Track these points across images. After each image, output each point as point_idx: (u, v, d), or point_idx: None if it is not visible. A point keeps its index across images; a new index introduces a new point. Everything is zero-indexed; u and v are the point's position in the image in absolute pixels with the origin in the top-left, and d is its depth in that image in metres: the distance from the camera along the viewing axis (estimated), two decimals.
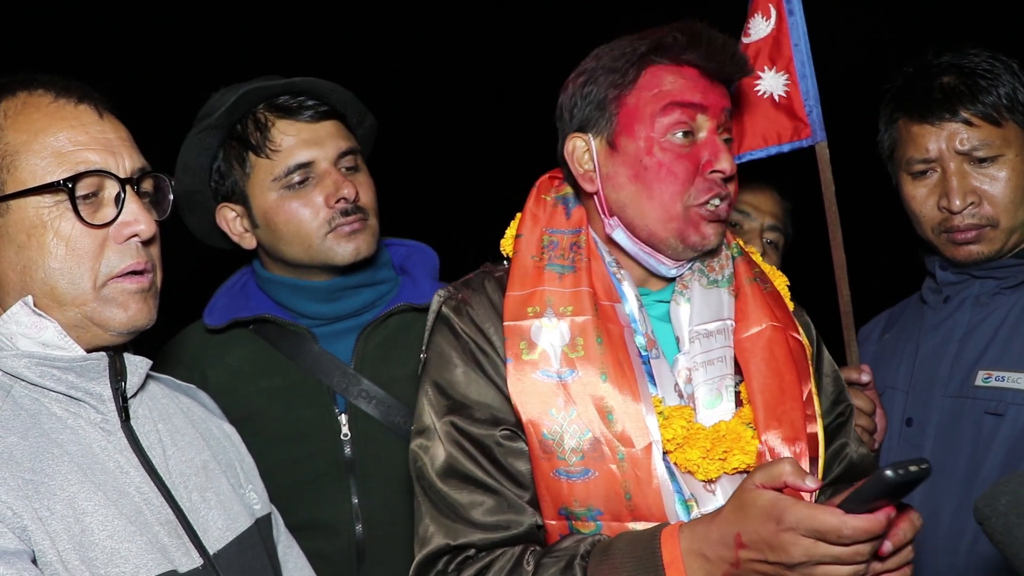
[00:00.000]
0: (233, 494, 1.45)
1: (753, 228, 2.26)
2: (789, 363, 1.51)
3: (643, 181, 1.49)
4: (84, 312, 1.29)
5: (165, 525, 1.29)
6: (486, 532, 1.42)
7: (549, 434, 1.43)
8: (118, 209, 1.30)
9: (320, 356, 1.90)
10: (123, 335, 1.33)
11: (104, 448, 1.29)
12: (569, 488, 1.42)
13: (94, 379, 1.30)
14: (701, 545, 1.29)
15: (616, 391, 1.43)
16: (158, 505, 1.30)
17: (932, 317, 1.99)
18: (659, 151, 1.48)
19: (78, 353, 1.29)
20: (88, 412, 1.30)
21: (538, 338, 1.46)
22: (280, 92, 1.88)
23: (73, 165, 1.28)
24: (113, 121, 1.36)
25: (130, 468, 1.30)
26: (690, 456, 1.43)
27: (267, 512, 1.54)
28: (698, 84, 1.50)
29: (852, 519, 1.15)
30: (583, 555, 1.37)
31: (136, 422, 1.36)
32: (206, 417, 1.54)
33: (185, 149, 1.89)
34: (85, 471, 1.25)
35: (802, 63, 1.98)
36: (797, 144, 1.98)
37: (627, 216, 1.52)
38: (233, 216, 1.94)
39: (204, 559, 1.32)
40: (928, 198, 1.91)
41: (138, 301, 1.32)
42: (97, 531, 1.21)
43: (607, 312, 1.49)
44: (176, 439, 1.41)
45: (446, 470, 1.46)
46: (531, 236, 1.57)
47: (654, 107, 1.49)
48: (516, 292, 1.51)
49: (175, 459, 1.38)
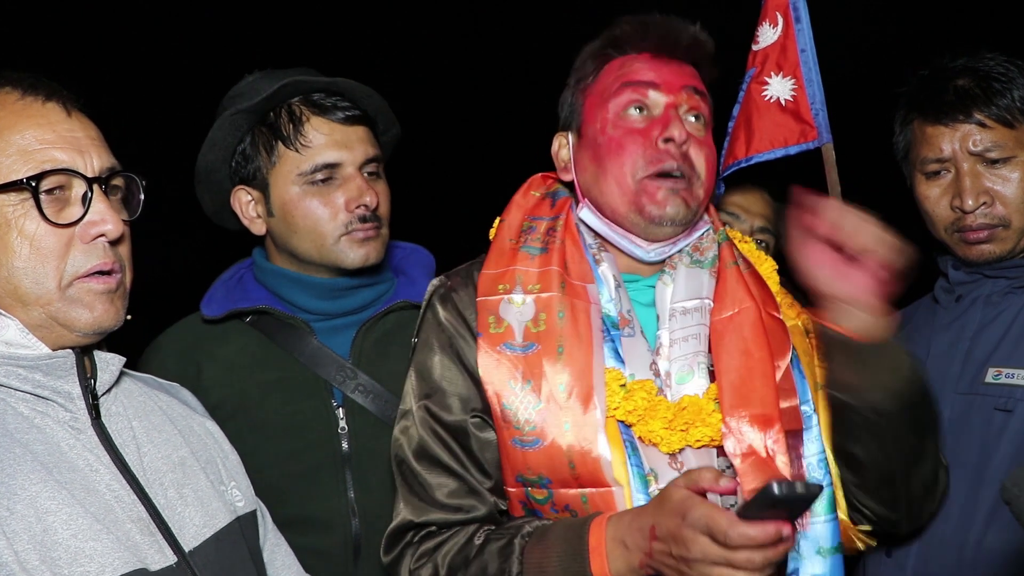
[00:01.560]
0: (212, 491, 1.41)
1: (743, 229, 2.28)
2: (761, 341, 1.53)
3: (599, 159, 1.56)
4: (48, 312, 1.26)
5: (137, 523, 1.26)
6: (446, 512, 1.52)
7: (508, 405, 1.50)
8: (84, 208, 1.28)
9: (318, 350, 1.91)
10: (89, 336, 1.30)
11: (73, 447, 1.26)
12: (523, 456, 1.48)
13: (61, 377, 1.27)
14: (624, 533, 1.36)
15: (570, 364, 1.48)
16: (130, 503, 1.27)
17: (944, 316, 1.99)
18: (611, 128, 1.55)
19: (43, 351, 1.27)
20: (56, 411, 1.27)
21: (506, 313, 1.53)
22: (320, 89, 1.90)
23: (38, 163, 1.25)
24: (82, 119, 1.33)
25: (100, 466, 1.27)
26: (652, 427, 1.46)
27: (251, 509, 1.51)
28: (650, 64, 1.56)
29: (740, 524, 1.21)
30: (524, 535, 1.45)
31: (108, 419, 1.32)
32: (187, 414, 1.51)
33: (216, 127, 1.90)
34: (50, 470, 1.21)
35: (808, 68, 2.03)
36: (804, 146, 2.02)
37: (592, 196, 1.59)
38: (248, 200, 1.95)
39: (179, 556, 1.28)
40: (941, 198, 1.93)
41: (104, 302, 1.30)
42: (60, 530, 1.18)
43: (575, 290, 1.54)
44: (152, 436, 1.38)
45: (419, 451, 1.55)
46: (512, 220, 1.65)
47: (608, 92, 1.57)
48: (490, 271, 1.59)
49: (150, 456, 1.35)
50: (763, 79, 2.06)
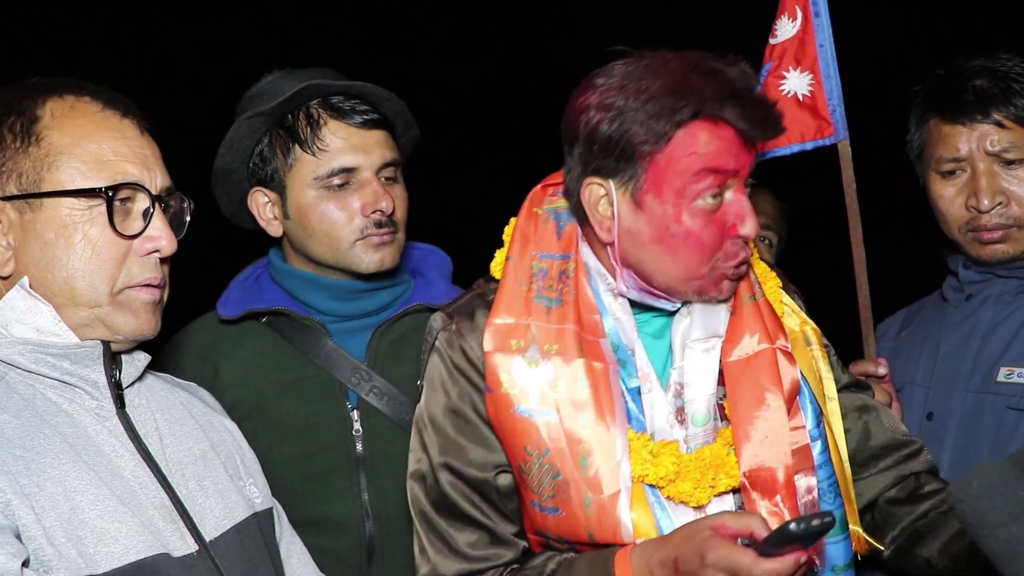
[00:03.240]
0: (231, 485, 1.44)
1: None
2: (777, 389, 1.48)
3: (668, 245, 1.43)
4: (97, 314, 1.31)
5: (160, 510, 1.29)
6: (473, 563, 1.49)
7: (524, 468, 1.46)
8: (145, 223, 1.34)
9: (333, 351, 1.90)
10: (129, 341, 1.35)
11: (99, 432, 1.29)
12: (542, 519, 1.47)
13: (88, 366, 1.30)
14: (648, 563, 1.36)
15: (593, 436, 1.43)
16: (153, 490, 1.30)
17: (953, 315, 1.99)
18: (688, 218, 1.41)
19: (72, 340, 1.30)
20: (83, 398, 1.30)
21: (520, 374, 1.46)
22: (338, 92, 1.88)
23: (112, 174, 1.31)
24: (150, 139, 1.39)
25: (125, 452, 1.30)
26: (683, 489, 1.45)
27: (268, 507, 1.52)
28: (732, 147, 1.41)
29: (763, 561, 1.25)
30: (551, 572, 1.45)
31: (132, 410, 1.36)
32: (206, 411, 1.54)
33: (234, 129, 1.89)
34: (79, 451, 1.25)
35: (827, 63, 2.01)
36: (820, 142, 2.00)
37: (644, 270, 1.47)
38: (265, 202, 1.94)
39: (200, 545, 1.31)
40: (956, 197, 1.92)
41: (148, 311, 1.35)
42: (87, 510, 1.21)
43: (592, 348, 1.46)
44: (174, 429, 1.41)
45: (440, 503, 1.51)
46: (520, 261, 1.53)
47: (687, 170, 1.39)
48: (501, 320, 1.48)
49: (172, 448, 1.38)
50: (780, 73, 2.03)
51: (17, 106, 1.32)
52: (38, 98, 1.33)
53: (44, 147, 1.30)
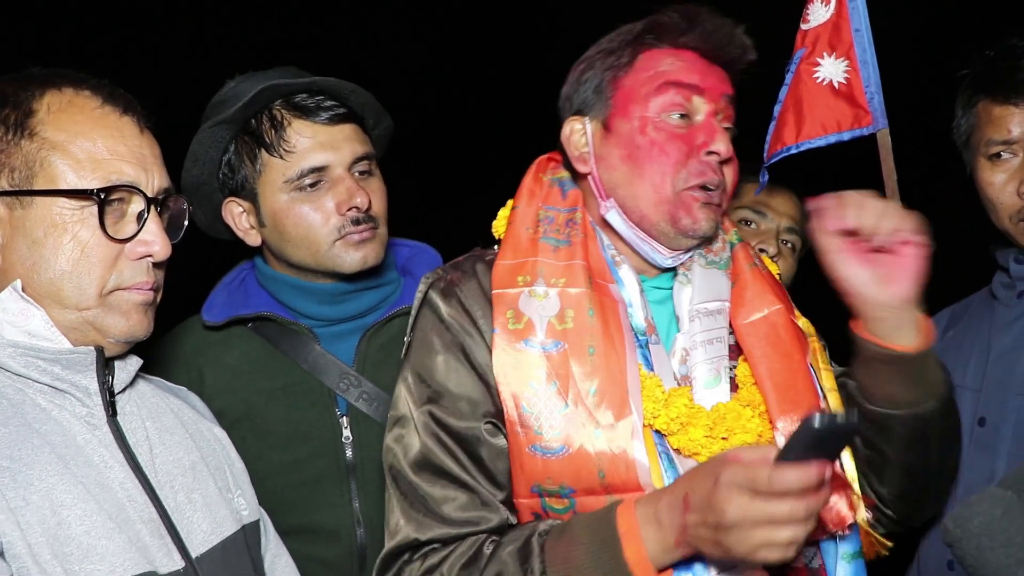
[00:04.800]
0: (220, 497, 1.41)
1: (769, 228, 2.20)
2: (796, 345, 1.47)
3: (635, 161, 1.46)
4: (86, 317, 1.28)
5: (148, 524, 1.25)
6: (455, 527, 1.40)
7: (528, 407, 1.40)
8: (139, 226, 1.30)
9: (321, 356, 1.86)
10: (120, 343, 1.31)
11: (88, 441, 1.26)
12: (544, 464, 1.38)
13: (80, 372, 1.27)
14: (656, 510, 1.27)
15: (603, 365, 1.39)
16: (142, 503, 1.26)
17: (1005, 313, 1.88)
18: (652, 130, 1.45)
19: (64, 345, 1.27)
20: (73, 405, 1.27)
21: (526, 308, 1.43)
22: (300, 90, 1.82)
23: (107, 175, 1.27)
24: (150, 138, 1.35)
25: (114, 463, 1.26)
26: (693, 436, 1.39)
27: (255, 519, 1.49)
28: (695, 65, 1.47)
29: (782, 469, 1.13)
30: (541, 532, 1.35)
31: (123, 418, 1.33)
32: (196, 419, 1.50)
33: (197, 141, 1.84)
34: (67, 462, 1.21)
35: (863, 49, 1.92)
36: (858, 132, 1.91)
37: (620, 197, 1.49)
38: (240, 212, 1.88)
39: (186, 561, 1.27)
40: (1007, 184, 1.82)
41: (140, 312, 1.31)
42: (75, 525, 1.17)
43: (602, 288, 1.45)
44: (164, 438, 1.37)
45: (420, 461, 1.43)
46: (527, 209, 1.54)
47: (649, 87, 1.46)
48: (507, 261, 1.48)
49: (162, 458, 1.35)
50: (814, 60, 1.94)
51: (13, 98, 1.28)
52: (35, 90, 1.28)
53: (38, 142, 1.25)
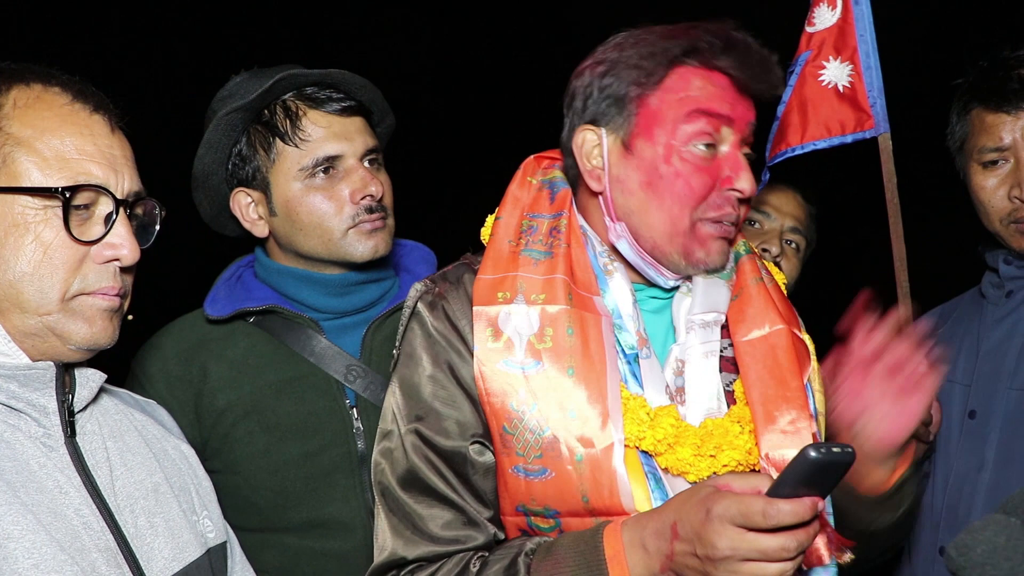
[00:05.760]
0: (184, 521, 1.34)
1: (773, 228, 2.23)
2: (794, 366, 1.44)
3: (655, 189, 1.39)
4: (46, 322, 1.21)
5: (104, 552, 1.18)
6: (441, 545, 1.38)
7: (509, 428, 1.36)
8: (106, 229, 1.23)
9: (327, 348, 1.86)
10: (82, 351, 1.24)
11: (43, 465, 1.18)
12: (527, 486, 1.36)
13: (38, 390, 1.20)
14: (642, 535, 1.25)
15: (582, 387, 1.35)
16: (98, 530, 1.19)
17: (994, 311, 1.97)
18: (678, 160, 1.38)
19: (23, 360, 1.20)
20: (28, 425, 1.20)
21: (505, 325, 1.38)
22: (313, 82, 1.84)
23: (74, 174, 1.21)
24: (121, 138, 1.29)
25: (70, 488, 1.19)
26: (681, 455, 1.35)
27: (222, 540, 1.43)
28: (727, 94, 1.40)
29: (776, 504, 1.12)
30: (527, 552, 1.33)
31: (83, 438, 1.25)
32: (162, 436, 1.43)
33: (213, 128, 1.84)
34: (16, 490, 1.14)
35: (867, 54, 1.98)
36: (860, 135, 1.97)
37: (632, 223, 1.43)
38: (248, 202, 1.89)
39: None
40: (999, 188, 1.90)
41: (104, 319, 1.25)
42: (22, 559, 1.10)
43: (583, 301, 1.41)
44: (126, 459, 1.30)
45: (407, 478, 1.40)
46: (510, 219, 1.49)
47: (678, 112, 1.38)
48: (488, 276, 1.43)
49: (123, 480, 1.27)
50: (819, 63, 2.00)
51: None
52: (2, 85, 1.23)
53: (2, 138, 1.20)
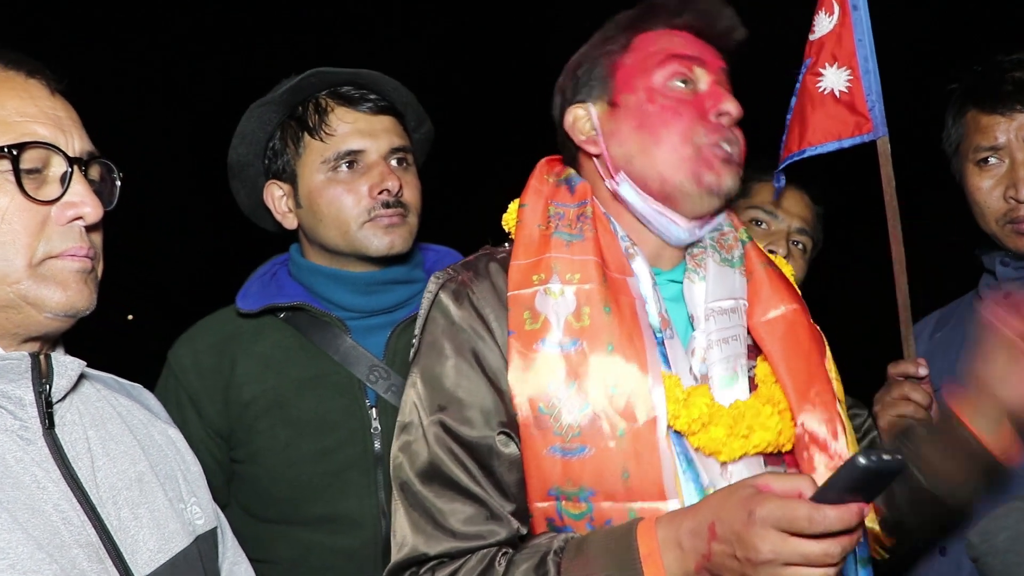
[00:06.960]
0: (170, 510, 1.30)
1: (780, 229, 2.24)
2: (813, 344, 1.47)
3: (648, 128, 1.45)
4: (16, 291, 1.17)
5: (85, 547, 1.15)
6: (464, 541, 1.34)
7: (546, 408, 1.35)
8: (63, 188, 1.20)
9: (351, 348, 1.90)
10: (60, 317, 1.20)
11: (20, 460, 1.15)
12: (563, 466, 1.34)
13: (13, 381, 1.16)
14: (677, 534, 1.23)
15: (622, 362, 1.35)
16: (79, 525, 1.16)
17: None
18: (661, 98, 1.45)
19: None
20: (4, 418, 1.16)
21: (543, 307, 1.39)
22: (345, 81, 1.92)
23: (19, 135, 1.18)
24: (64, 101, 1.26)
25: (49, 483, 1.16)
26: (715, 435, 1.36)
27: (212, 527, 1.40)
28: (693, 43, 1.50)
29: (824, 508, 1.11)
30: (556, 551, 1.29)
31: (62, 429, 1.22)
32: (148, 421, 1.39)
33: (245, 119, 1.94)
34: None
35: (865, 58, 1.99)
36: (859, 139, 1.99)
37: (635, 168, 1.46)
38: (280, 194, 1.97)
39: None
40: (994, 189, 1.92)
41: (78, 281, 1.21)
42: None
43: (617, 283, 1.42)
44: (108, 448, 1.27)
45: (428, 472, 1.38)
46: (536, 206, 1.50)
47: (651, 62, 1.47)
48: (521, 261, 1.44)
49: (105, 471, 1.24)
50: (817, 70, 2.01)
51: None
52: None
53: None
